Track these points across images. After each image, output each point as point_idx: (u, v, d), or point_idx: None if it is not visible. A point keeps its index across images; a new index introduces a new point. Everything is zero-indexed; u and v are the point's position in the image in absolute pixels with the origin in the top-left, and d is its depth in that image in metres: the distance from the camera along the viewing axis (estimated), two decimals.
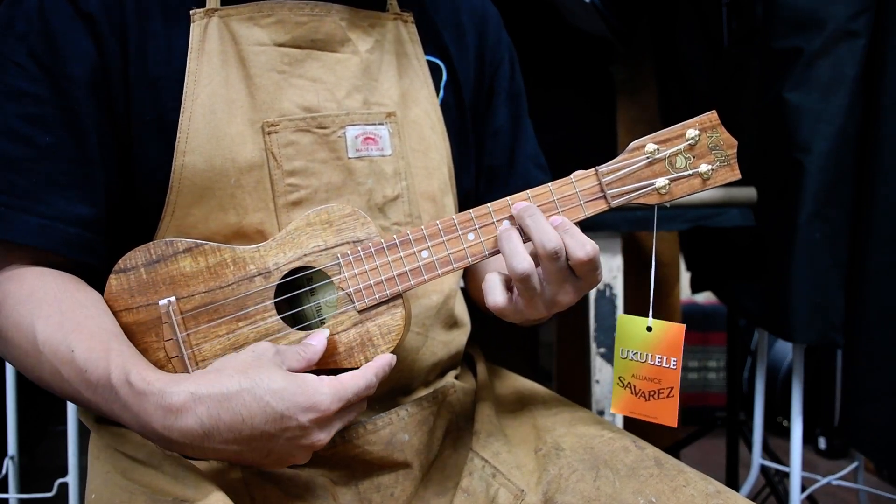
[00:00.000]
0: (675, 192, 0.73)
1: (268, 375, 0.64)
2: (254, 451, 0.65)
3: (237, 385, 0.63)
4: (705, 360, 2.74)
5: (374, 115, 0.81)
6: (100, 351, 0.66)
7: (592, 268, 0.70)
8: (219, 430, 0.62)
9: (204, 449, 0.64)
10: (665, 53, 1.72)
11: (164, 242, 0.73)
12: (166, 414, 0.62)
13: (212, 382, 0.63)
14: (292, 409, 0.63)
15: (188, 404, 0.62)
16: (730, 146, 0.73)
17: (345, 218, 0.73)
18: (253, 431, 0.63)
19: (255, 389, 0.63)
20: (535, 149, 0.99)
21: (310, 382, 0.65)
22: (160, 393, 0.63)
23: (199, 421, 0.62)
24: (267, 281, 0.73)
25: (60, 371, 0.67)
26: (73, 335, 0.67)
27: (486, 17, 0.95)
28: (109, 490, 0.72)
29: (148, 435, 0.65)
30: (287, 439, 0.64)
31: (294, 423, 0.64)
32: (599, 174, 0.72)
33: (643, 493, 0.71)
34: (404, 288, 0.73)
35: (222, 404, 0.62)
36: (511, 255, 0.69)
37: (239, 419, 0.62)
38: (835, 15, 1.15)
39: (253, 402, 0.63)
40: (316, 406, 0.64)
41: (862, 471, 1.49)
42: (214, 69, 0.75)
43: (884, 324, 1.17)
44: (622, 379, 0.77)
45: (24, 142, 0.71)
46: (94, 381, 0.65)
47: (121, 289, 0.73)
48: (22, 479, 1.36)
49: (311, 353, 0.70)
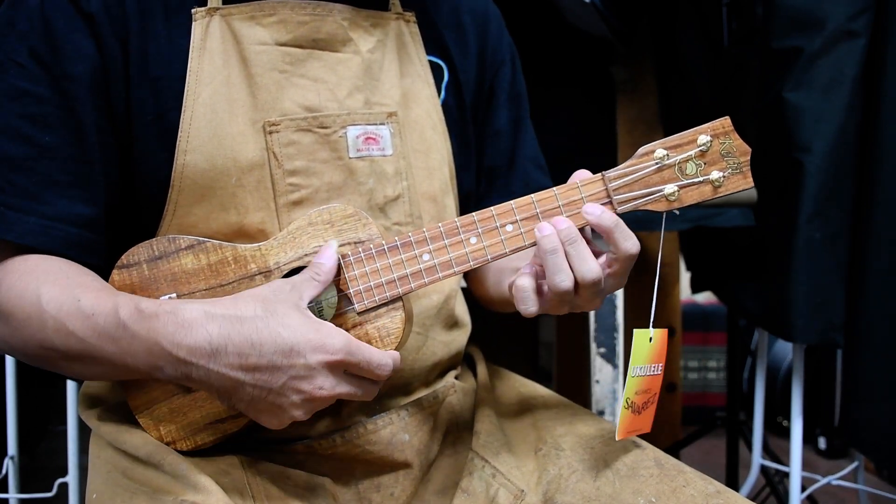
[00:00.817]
0: (685, 199, 0.71)
1: (284, 310, 0.65)
2: (255, 385, 0.65)
3: (252, 311, 0.65)
4: (705, 360, 2.74)
5: (375, 115, 0.81)
6: (106, 296, 0.68)
7: (631, 265, 0.71)
8: (227, 350, 0.63)
9: (208, 371, 0.64)
10: (665, 53, 1.72)
11: (167, 239, 0.73)
12: (177, 329, 0.64)
13: (227, 305, 0.65)
14: (302, 345, 0.64)
15: (200, 319, 0.64)
16: (743, 153, 0.70)
17: (346, 218, 0.73)
18: (260, 360, 0.64)
19: (269, 318, 0.64)
20: (536, 150, 0.99)
21: (324, 326, 0.67)
22: (173, 311, 0.65)
23: (208, 337, 0.63)
24: (267, 280, 0.73)
25: (66, 323, 0.67)
26: (78, 289, 0.68)
27: (487, 17, 0.95)
28: (110, 489, 0.72)
29: (155, 359, 0.65)
30: (291, 377, 0.65)
31: (301, 360, 0.64)
32: (606, 179, 0.71)
33: (643, 494, 0.71)
34: (404, 291, 0.72)
35: (234, 325, 0.64)
36: (556, 270, 0.68)
37: (248, 343, 0.63)
38: (835, 15, 1.15)
39: (265, 329, 0.64)
40: (325, 346, 0.65)
41: (862, 471, 1.49)
42: (216, 68, 0.75)
43: (884, 324, 1.17)
44: (628, 400, 0.73)
45: (25, 141, 0.71)
46: (101, 324, 0.66)
47: (123, 284, 0.73)
48: (22, 479, 1.36)
49: (325, 272, 0.70)
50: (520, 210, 0.71)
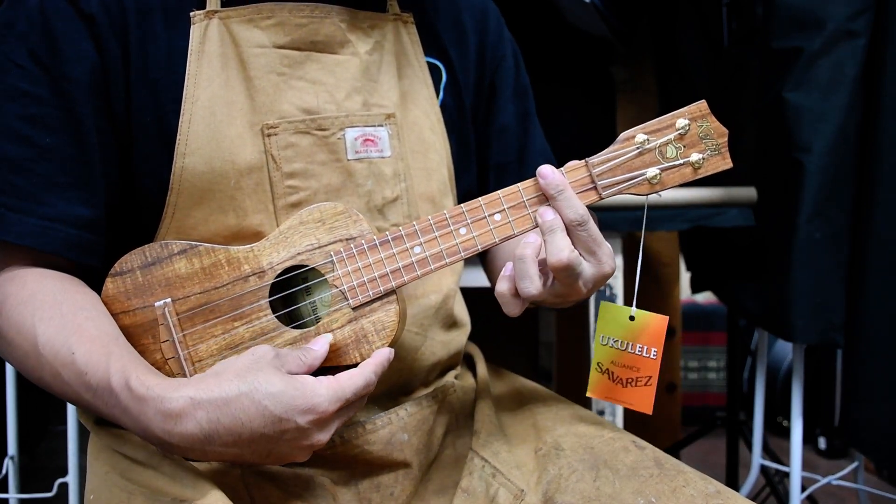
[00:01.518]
0: (667, 182, 0.73)
1: (265, 379, 0.64)
2: (254, 453, 0.65)
3: (236, 389, 0.63)
4: (705, 360, 2.74)
5: (373, 117, 0.81)
6: (100, 354, 0.66)
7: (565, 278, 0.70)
8: (219, 434, 0.63)
9: (205, 452, 0.64)
10: (665, 53, 1.72)
11: (160, 245, 0.73)
12: (166, 419, 0.63)
13: (211, 387, 0.63)
14: (290, 412, 0.63)
15: (187, 409, 0.62)
16: (720, 135, 0.73)
17: (337, 216, 0.74)
18: (252, 434, 0.63)
19: (253, 393, 0.63)
20: (544, 144, 0.99)
21: (308, 384, 0.65)
22: (159, 399, 0.63)
23: (198, 426, 0.62)
24: (261, 280, 0.73)
25: (61, 373, 0.67)
26: (73, 338, 0.67)
27: (486, 14, 0.95)
28: (108, 490, 0.72)
29: (149, 439, 0.65)
30: (286, 441, 0.65)
31: (292, 425, 0.64)
32: (590, 165, 0.72)
33: (643, 494, 0.71)
34: (398, 284, 0.73)
35: (221, 409, 0.63)
36: (556, 249, 0.69)
37: (238, 423, 0.63)
38: (835, 15, 1.15)
39: (251, 406, 0.63)
40: (314, 408, 0.64)
41: (862, 471, 1.49)
42: (214, 71, 0.75)
43: (884, 324, 1.17)
44: (601, 365, 0.77)
45: (24, 142, 0.71)
46: (94, 385, 0.66)
47: (117, 292, 0.73)
48: (22, 479, 1.36)
49: (313, 358, 0.70)
50: (507, 199, 0.72)
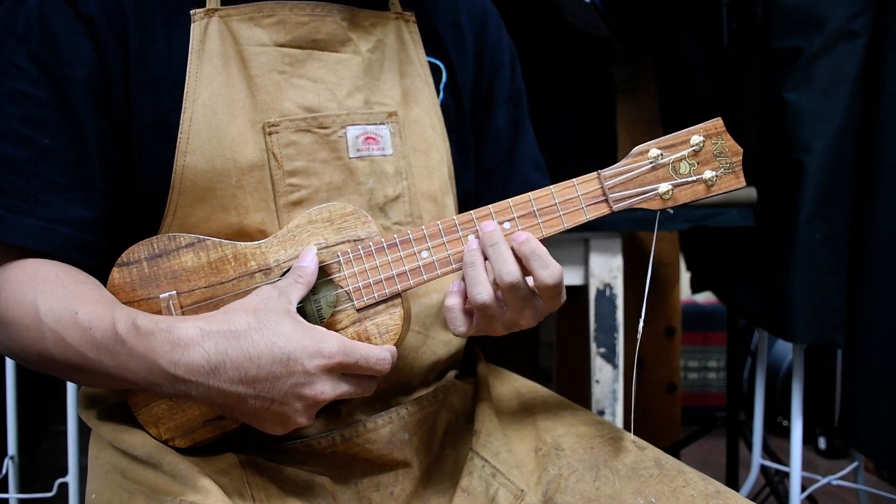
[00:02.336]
0: (679, 198, 0.72)
1: (276, 318, 0.65)
2: (257, 397, 0.65)
3: (246, 324, 0.65)
4: (705, 360, 2.74)
5: (375, 115, 0.81)
6: (104, 309, 0.67)
7: (556, 293, 0.70)
8: (225, 366, 0.63)
9: (208, 388, 0.64)
10: (665, 53, 1.72)
11: (167, 237, 0.73)
12: (174, 348, 0.63)
13: (220, 321, 0.65)
14: (299, 352, 0.64)
15: (196, 338, 0.64)
16: (735, 153, 0.72)
17: (346, 216, 0.74)
18: (259, 371, 0.64)
19: (263, 329, 0.64)
20: (535, 151, 0.99)
21: (317, 329, 0.67)
22: (168, 329, 0.64)
23: (205, 355, 0.63)
24: (267, 277, 0.73)
25: (63, 336, 0.67)
26: (75, 301, 0.68)
27: (485, 17, 0.95)
28: (109, 489, 0.72)
29: (154, 377, 0.65)
30: (291, 385, 0.65)
31: (300, 367, 0.64)
32: (602, 178, 0.72)
33: (643, 494, 0.71)
34: (403, 287, 0.73)
35: (230, 341, 0.64)
36: (473, 283, 0.69)
37: (246, 357, 0.63)
38: (835, 15, 1.15)
39: (261, 341, 0.64)
40: (321, 351, 0.65)
41: (862, 471, 1.49)
42: (215, 70, 0.75)
43: (884, 324, 1.17)
44: None
45: (24, 144, 0.71)
46: (98, 338, 0.66)
47: (123, 282, 0.73)
48: (22, 479, 1.36)
49: (307, 274, 0.70)
50: (517, 208, 0.72)
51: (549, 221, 0.72)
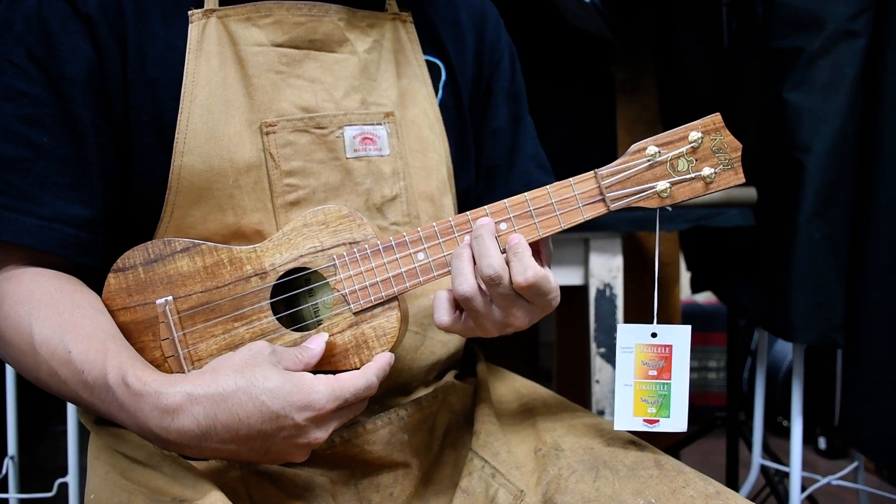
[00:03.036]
0: (677, 196, 0.71)
1: (263, 374, 0.64)
2: (252, 450, 0.65)
3: (233, 385, 0.63)
4: (705, 360, 2.74)
5: (372, 116, 0.81)
6: (97, 352, 0.66)
7: (538, 292, 0.68)
8: (216, 430, 0.62)
9: (202, 449, 0.64)
10: (665, 53, 1.72)
11: (162, 242, 0.73)
12: (163, 415, 0.62)
13: (208, 382, 0.63)
14: (288, 408, 0.63)
15: (184, 405, 0.62)
16: (734, 149, 0.71)
17: (341, 219, 0.74)
18: (250, 431, 0.63)
19: (250, 389, 0.63)
20: (536, 148, 0.98)
21: (305, 381, 0.65)
22: (156, 394, 0.63)
23: (195, 421, 0.62)
24: (263, 281, 0.73)
25: (58, 372, 0.67)
26: (69, 336, 0.67)
27: (484, 15, 0.94)
28: (108, 490, 0.72)
29: (145, 435, 0.65)
30: (284, 438, 0.64)
31: (290, 421, 0.64)
32: (598, 177, 0.71)
33: (643, 494, 0.71)
34: (400, 290, 0.72)
35: (218, 404, 0.62)
36: (457, 274, 0.69)
37: (235, 419, 0.62)
38: (835, 15, 1.15)
39: (249, 401, 0.63)
40: (311, 405, 0.64)
41: (862, 471, 1.49)
42: (213, 70, 0.75)
43: (884, 324, 1.17)
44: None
45: (22, 142, 0.71)
46: (90, 382, 0.65)
47: (119, 287, 0.73)
48: (22, 479, 1.36)
49: (309, 356, 0.70)
50: (513, 208, 0.72)
51: (545, 221, 0.72)
